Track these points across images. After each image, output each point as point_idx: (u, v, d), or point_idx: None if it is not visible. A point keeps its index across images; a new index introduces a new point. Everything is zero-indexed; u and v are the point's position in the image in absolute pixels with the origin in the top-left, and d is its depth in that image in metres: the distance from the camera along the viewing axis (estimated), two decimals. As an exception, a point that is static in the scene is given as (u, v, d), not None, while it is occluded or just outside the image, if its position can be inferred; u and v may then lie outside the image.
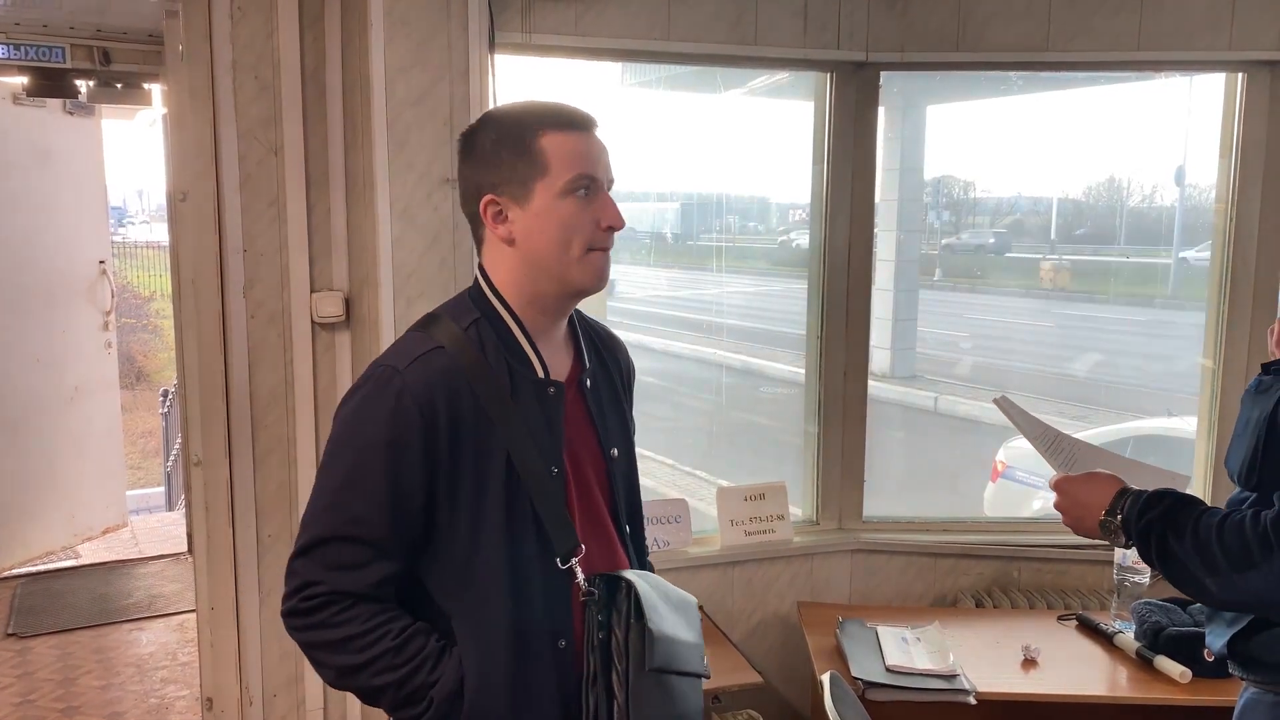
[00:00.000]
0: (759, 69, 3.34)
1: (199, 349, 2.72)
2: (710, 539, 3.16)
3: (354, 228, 2.76)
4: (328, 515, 1.39)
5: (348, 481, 1.38)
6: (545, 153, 1.40)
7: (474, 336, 1.42)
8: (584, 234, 1.42)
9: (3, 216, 5.12)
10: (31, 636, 4.50)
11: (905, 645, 2.68)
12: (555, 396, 1.46)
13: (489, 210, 1.42)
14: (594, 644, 1.41)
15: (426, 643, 1.38)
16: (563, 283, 1.44)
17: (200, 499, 2.80)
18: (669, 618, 1.43)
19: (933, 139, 8.26)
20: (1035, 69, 3.30)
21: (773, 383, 9.06)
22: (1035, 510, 5.70)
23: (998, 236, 14.04)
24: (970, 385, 9.73)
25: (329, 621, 1.37)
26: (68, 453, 5.50)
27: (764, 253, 10.91)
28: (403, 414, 1.36)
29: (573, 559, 1.42)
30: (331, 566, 1.37)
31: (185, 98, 2.65)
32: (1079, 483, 1.67)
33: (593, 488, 1.52)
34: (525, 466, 1.40)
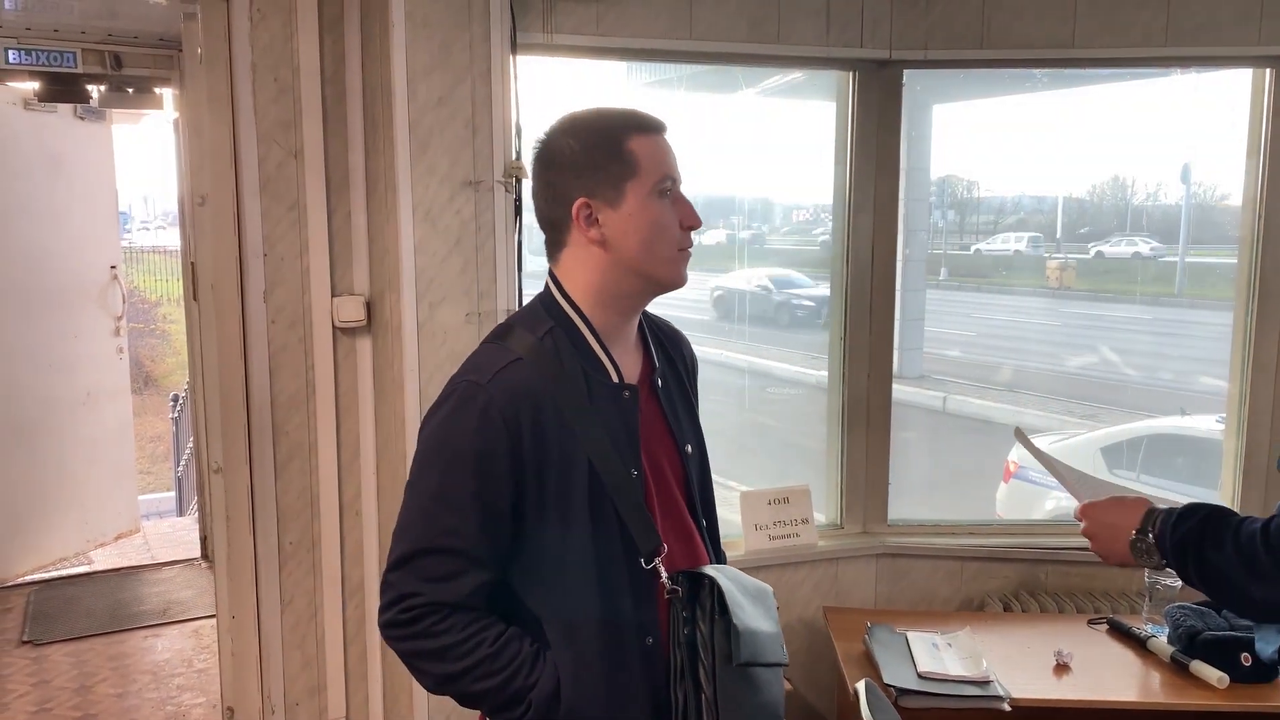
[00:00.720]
0: (780, 68, 3.30)
1: (219, 354, 2.70)
2: (734, 543, 3.12)
3: (375, 231, 2.73)
4: (420, 528, 1.42)
5: (438, 495, 1.42)
6: (635, 155, 1.44)
7: (550, 346, 1.45)
8: (672, 234, 1.46)
9: (15, 222, 5.10)
10: (47, 644, 4.47)
11: (936, 651, 2.64)
12: (630, 400, 1.50)
13: (581, 214, 1.44)
14: (680, 640, 1.45)
15: (521, 647, 1.42)
16: (650, 281, 1.48)
17: (220, 506, 2.77)
18: (750, 610, 1.47)
19: (937, 139, 8.23)
20: (1060, 66, 3.26)
21: (781, 383, 9.03)
22: (1048, 511, 5.67)
23: (1033, 240, 13.95)
24: (979, 385, 9.69)
25: (428, 632, 1.40)
26: (80, 458, 5.47)
27: (774, 254, 10.88)
28: (489, 427, 1.39)
29: (656, 558, 1.45)
30: (426, 578, 1.41)
31: (204, 101, 2.62)
32: (1105, 507, 1.63)
33: (671, 486, 1.55)
34: (607, 471, 1.43)
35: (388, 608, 1.43)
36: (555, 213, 1.48)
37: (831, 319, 3.29)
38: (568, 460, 1.42)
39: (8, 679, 4.15)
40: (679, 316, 1.78)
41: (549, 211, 1.50)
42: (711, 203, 9.82)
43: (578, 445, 1.43)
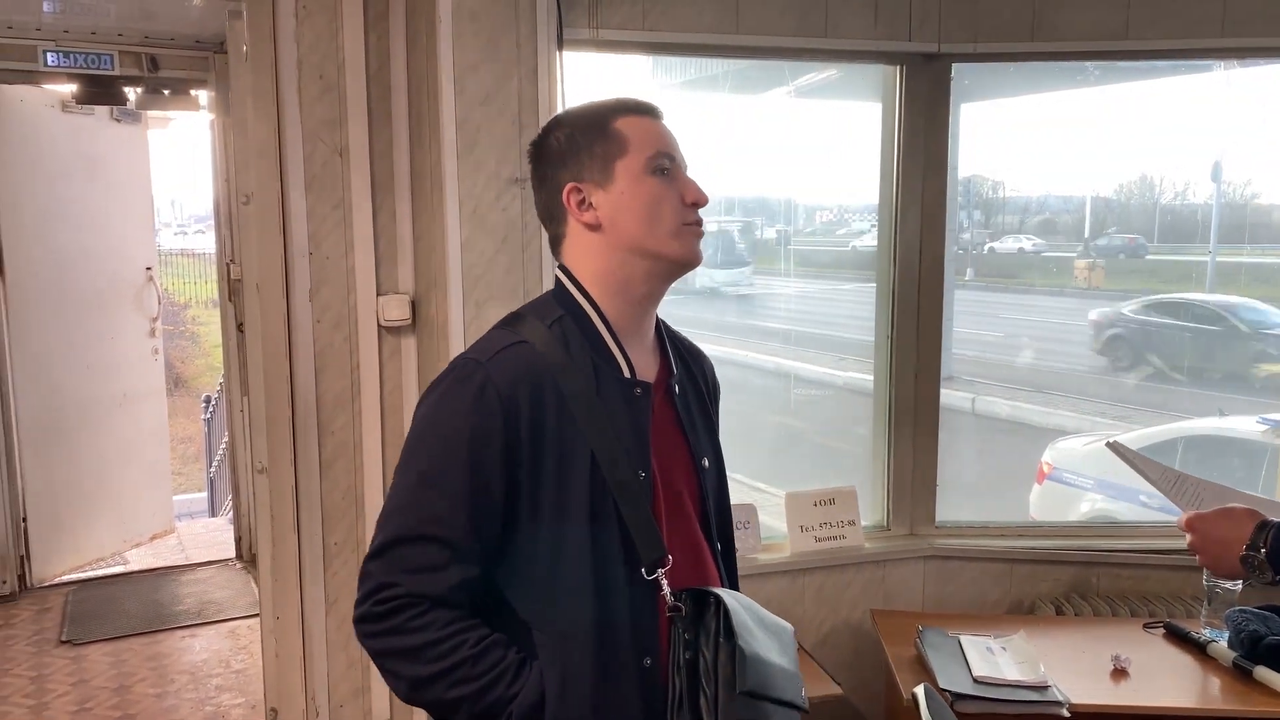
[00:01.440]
0: (827, 62, 3.26)
1: (264, 353, 2.68)
2: (779, 545, 3.08)
3: (420, 230, 2.72)
4: (405, 514, 1.32)
5: (426, 478, 1.32)
6: (623, 133, 1.39)
7: (558, 334, 1.38)
8: (672, 208, 1.39)
9: (52, 224, 5.13)
10: (85, 644, 4.49)
11: (991, 655, 2.59)
12: (642, 398, 1.41)
13: (572, 198, 1.39)
14: (680, 663, 1.33)
15: (505, 654, 1.31)
16: (656, 259, 1.40)
17: (265, 506, 2.76)
18: (762, 640, 1.35)
19: (965, 138, 8.15)
20: (1112, 58, 3.20)
21: (807, 384, 8.97)
22: (1083, 513, 5.59)
23: (1035, 244, 13.86)
24: (1008, 386, 9.59)
25: (404, 627, 1.29)
26: (117, 459, 5.50)
27: (806, 256, 10.84)
28: (485, 407, 1.30)
29: (659, 570, 1.34)
30: (408, 568, 1.30)
31: (249, 99, 2.61)
32: (1213, 519, 1.58)
33: (683, 498, 1.46)
34: (611, 469, 1.34)
35: (364, 600, 1.32)
36: (551, 206, 1.44)
37: (877, 319, 3.24)
38: (569, 452, 1.33)
39: (48, 678, 4.16)
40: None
41: (544, 205, 1.46)
42: (743, 204, 9.82)
43: (581, 437, 1.33)
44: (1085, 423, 8.78)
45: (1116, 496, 5.38)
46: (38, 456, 5.09)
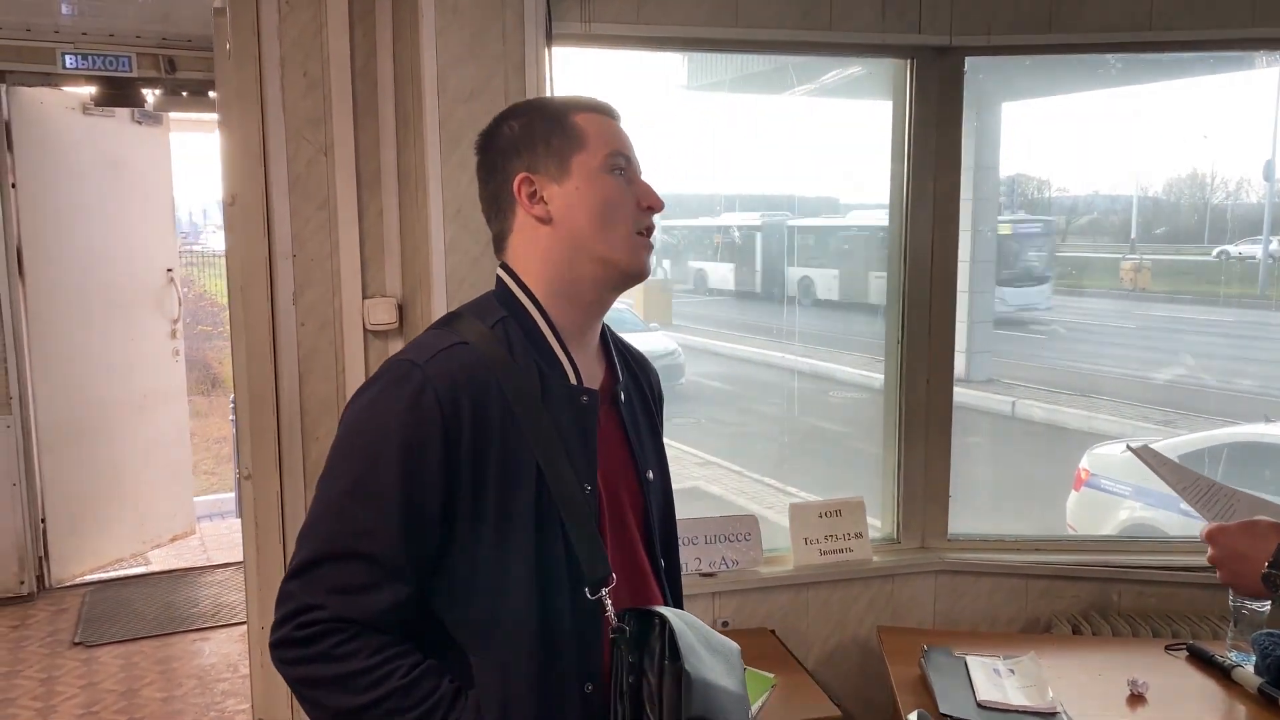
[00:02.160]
0: (832, 56, 3.14)
1: (248, 358, 2.63)
2: (782, 558, 2.97)
3: (407, 231, 2.64)
4: (331, 528, 1.21)
5: (355, 489, 1.21)
6: (581, 128, 1.33)
7: (500, 335, 1.29)
8: (627, 213, 1.32)
9: (74, 226, 5.15)
10: (97, 645, 4.49)
11: (998, 677, 2.46)
12: (589, 406, 1.32)
13: (523, 189, 1.31)
14: (623, 688, 1.24)
15: (439, 683, 1.21)
16: (606, 264, 1.32)
17: (250, 513, 2.70)
18: (708, 661, 1.27)
19: (1007, 137, 7.98)
20: (1136, 50, 3.04)
21: (844, 387, 8.80)
22: (1121, 521, 5.40)
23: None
24: (1050, 389, 9.36)
25: (328, 654, 1.18)
26: (137, 460, 5.51)
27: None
28: (422, 411, 1.20)
29: (603, 589, 1.26)
30: (334, 589, 1.19)
31: (233, 98, 2.56)
32: (1236, 532, 1.46)
33: (625, 512, 1.37)
34: (557, 481, 1.25)
35: (282, 623, 1.20)
36: (498, 197, 1.35)
37: (887, 320, 3.12)
38: (513, 462, 1.24)
39: (57, 680, 4.16)
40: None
41: (490, 197, 1.37)
42: (751, 200, 9.71)
43: (525, 447, 1.24)
44: (1128, 428, 8.54)
45: (1155, 504, 5.20)
46: (57, 458, 5.12)
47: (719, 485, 7.43)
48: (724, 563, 2.87)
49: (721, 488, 7.36)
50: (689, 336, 11.11)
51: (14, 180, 4.91)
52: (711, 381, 10.46)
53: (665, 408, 1.54)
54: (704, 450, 8.05)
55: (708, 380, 10.32)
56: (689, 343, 10.70)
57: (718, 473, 7.70)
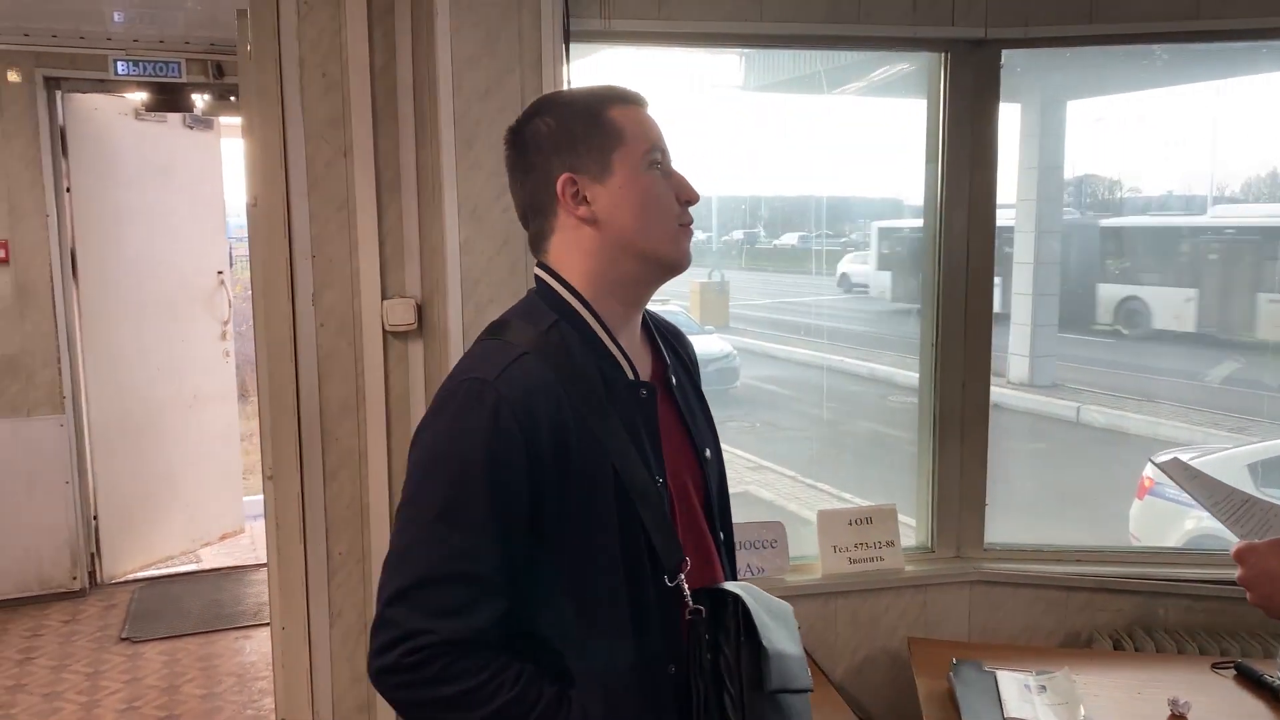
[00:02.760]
0: (862, 50, 3.06)
1: (269, 359, 2.63)
2: (810, 566, 2.89)
3: (425, 231, 2.63)
4: (427, 552, 1.21)
5: (445, 513, 1.21)
6: (617, 123, 1.31)
7: (556, 340, 1.29)
8: (669, 208, 1.33)
9: (127, 229, 5.26)
10: (143, 641, 4.56)
11: (1029, 694, 2.36)
12: (649, 399, 1.33)
13: (567, 191, 1.30)
14: (703, 667, 1.27)
15: (543, 690, 1.23)
16: (651, 261, 1.33)
17: (272, 514, 2.71)
18: (776, 632, 1.31)
19: (1074, 136, 7.76)
20: (1182, 40, 2.91)
21: (903, 391, 8.63)
22: (1187, 531, 5.20)
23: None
24: (1117, 394, 9.09)
25: (440, 676, 1.19)
26: (187, 459, 5.60)
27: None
28: (502, 429, 1.21)
29: (680, 575, 1.29)
30: (437, 613, 1.19)
31: (254, 99, 2.56)
32: (1266, 551, 1.37)
33: (690, 496, 1.40)
34: (632, 479, 1.27)
35: (386, 649, 1.19)
36: (537, 197, 1.33)
37: (922, 322, 3.03)
38: (591, 466, 1.25)
39: (103, 675, 4.24)
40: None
41: (530, 197, 1.34)
42: (786, 204, 9.59)
43: (600, 449, 1.25)
44: (1198, 434, 8.25)
45: (1223, 516, 4.99)
46: (109, 456, 5.22)
47: (770, 490, 7.34)
48: (749, 570, 2.81)
49: (773, 492, 7.28)
50: (744, 339, 11.03)
51: (69, 184, 5.03)
52: (766, 385, 10.36)
53: (718, 411, 1.53)
54: (758, 455, 7.97)
55: (762, 384, 10.23)
56: (745, 345, 10.61)
57: (770, 477, 7.62)
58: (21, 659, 4.39)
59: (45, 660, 4.37)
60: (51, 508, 5.01)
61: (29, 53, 4.83)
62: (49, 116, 4.92)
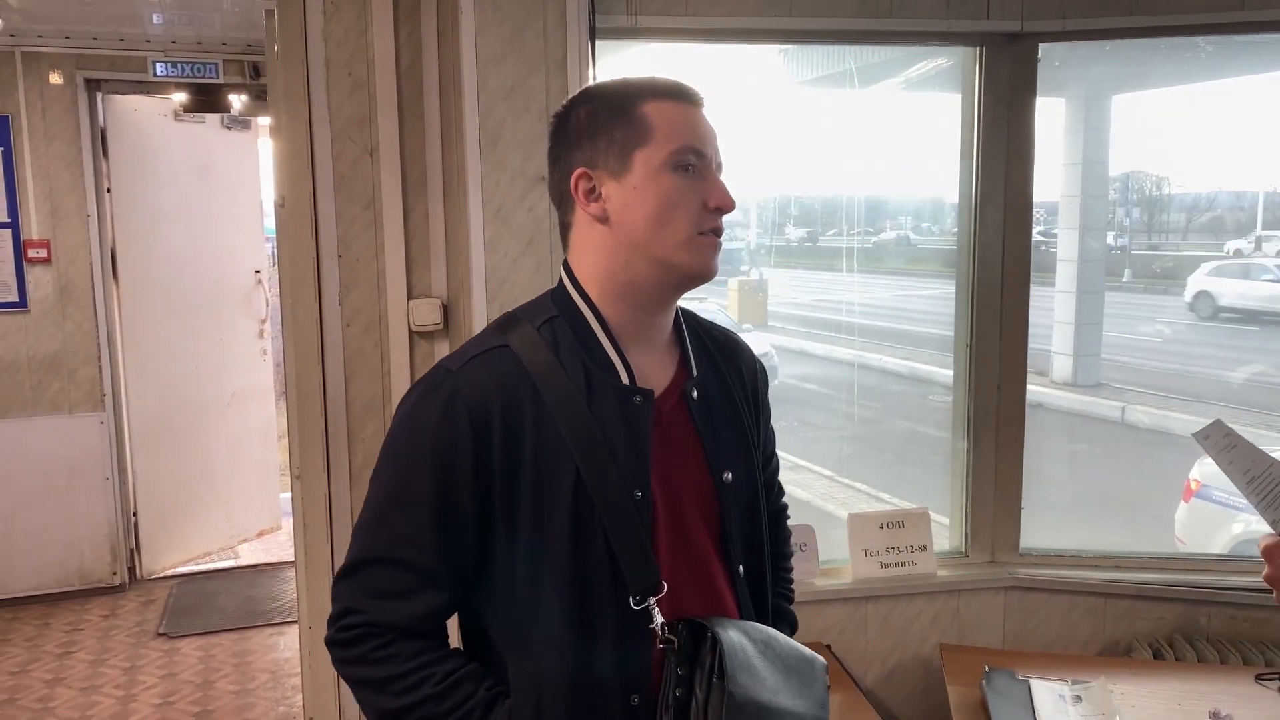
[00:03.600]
0: (895, 45, 3.00)
1: (296, 358, 2.64)
2: (840, 570, 2.85)
3: (451, 231, 2.62)
4: (371, 533, 1.25)
5: (393, 496, 1.23)
6: (648, 119, 1.25)
7: (548, 336, 1.26)
8: (689, 213, 1.24)
9: (166, 229, 5.32)
10: (179, 637, 4.61)
11: (1063, 704, 2.31)
12: (642, 407, 1.26)
13: (580, 185, 1.26)
14: (669, 703, 1.20)
15: (475, 690, 1.22)
16: (663, 267, 1.26)
17: (299, 513, 2.71)
18: (768, 681, 1.23)
19: (1120, 131, 7.59)
20: (1226, 32, 2.83)
21: (945, 390, 8.52)
22: (1235, 536, 5.07)
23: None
24: (1164, 395, 8.92)
25: (368, 657, 1.22)
26: (225, 457, 5.66)
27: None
28: (451, 421, 1.20)
29: (650, 598, 1.21)
30: (372, 593, 1.22)
31: (281, 99, 2.57)
32: None
33: (690, 517, 1.31)
34: (600, 487, 1.21)
35: (330, 623, 1.26)
36: (560, 188, 1.31)
37: (956, 322, 2.97)
38: (549, 468, 1.21)
39: (140, 670, 4.28)
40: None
41: (554, 187, 1.33)
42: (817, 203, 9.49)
43: (566, 451, 1.21)
44: (1250, 435, 8.05)
45: (1274, 519, 4.86)
46: (148, 453, 5.29)
47: (807, 490, 7.28)
48: (778, 573, 2.77)
49: (810, 493, 7.22)
50: (780, 338, 10.95)
51: (109, 185, 5.09)
52: (806, 384, 10.28)
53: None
54: (795, 454, 7.91)
55: (802, 383, 10.15)
56: (781, 344, 10.54)
57: (807, 476, 7.56)
58: (61, 653, 4.45)
59: (84, 654, 4.44)
60: (92, 504, 5.09)
61: (70, 55, 4.90)
62: (90, 118, 4.99)
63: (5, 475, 4.95)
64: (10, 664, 4.34)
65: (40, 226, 4.94)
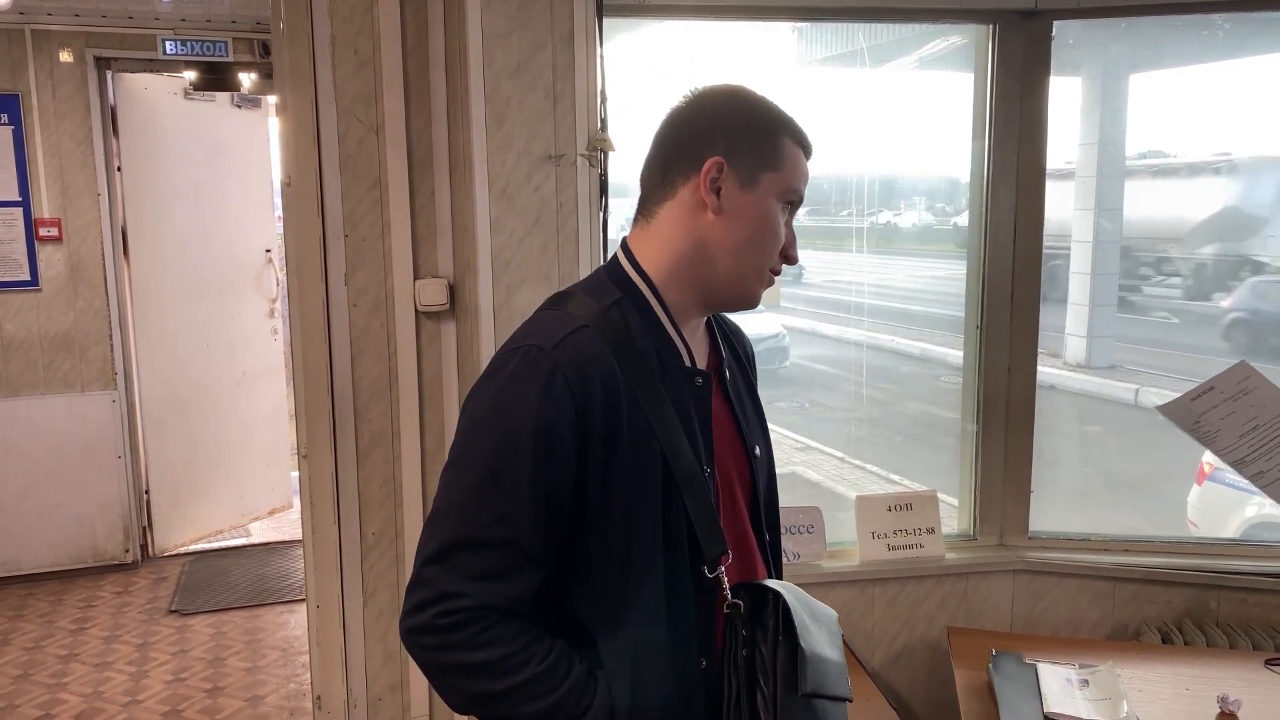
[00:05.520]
0: (906, 23, 2.96)
1: (302, 338, 2.63)
2: (848, 552, 2.84)
3: (457, 210, 2.60)
4: (466, 515, 1.22)
5: (490, 475, 1.21)
6: (784, 150, 1.31)
7: (617, 317, 1.28)
8: (773, 250, 1.33)
9: (176, 208, 5.32)
10: (191, 614, 4.64)
11: (1071, 687, 2.29)
12: (703, 388, 1.33)
13: (711, 171, 1.27)
14: (737, 663, 1.26)
15: (572, 666, 1.23)
16: (732, 284, 1.33)
17: (307, 493, 2.72)
18: (817, 636, 1.30)
19: (1136, 111, 7.50)
20: (1243, 9, 2.78)
21: (956, 371, 8.47)
22: (1247, 518, 5.04)
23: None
24: (1178, 377, 8.86)
25: (471, 642, 1.19)
26: (236, 435, 5.68)
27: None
28: (555, 398, 1.19)
29: (720, 567, 1.27)
30: (474, 576, 1.20)
31: (287, 77, 2.55)
32: None
33: (735, 489, 1.38)
34: (680, 465, 1.25)
35: (420, 608, 1.20)
36: (680, 157, 1.30)
37: (966, 305, 2.94)
38: (641, 447, 1.23)
39: (152, 646, 4.32)
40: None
41: (672, 153, 1.31)
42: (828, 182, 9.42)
43: (650, 430, 1.24)
44: (1262, 419, 7.98)
45: (1290, 502, 4.83)
46: (160, 432, 5.31)
47: (818, 471, 7.27)
48: (786, 555, 2.75)
49: (820, 474, 7.20)
50: (792, 319, 10.91)
51: (119, 163, 5.09)
52: (817, 365, 10.25)
53: (767, 391, 1.53)
54: (805, 435, 7.89)
55: (813, 364, 10.12)
56: (793, 325, 10.50)
57: (817, 458, 7.54)
58: (75, 629, 4.49)
59: (97, 630, 4.47)
60: (104, 482, 5.12)
61: (80, 33, 4.89)
62: (100, 96, 4.98)
63: (19, 453, 4.98)
64: (25, 639, 4.38)
65: (51, 205, 4.95)
